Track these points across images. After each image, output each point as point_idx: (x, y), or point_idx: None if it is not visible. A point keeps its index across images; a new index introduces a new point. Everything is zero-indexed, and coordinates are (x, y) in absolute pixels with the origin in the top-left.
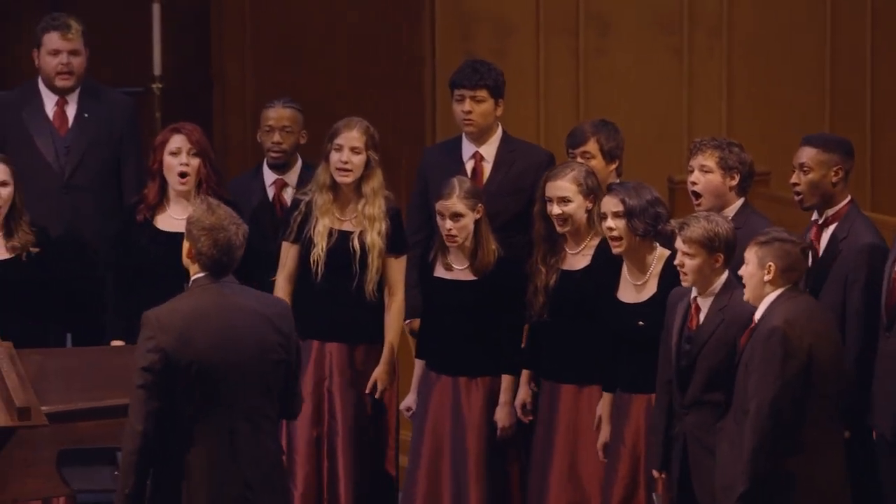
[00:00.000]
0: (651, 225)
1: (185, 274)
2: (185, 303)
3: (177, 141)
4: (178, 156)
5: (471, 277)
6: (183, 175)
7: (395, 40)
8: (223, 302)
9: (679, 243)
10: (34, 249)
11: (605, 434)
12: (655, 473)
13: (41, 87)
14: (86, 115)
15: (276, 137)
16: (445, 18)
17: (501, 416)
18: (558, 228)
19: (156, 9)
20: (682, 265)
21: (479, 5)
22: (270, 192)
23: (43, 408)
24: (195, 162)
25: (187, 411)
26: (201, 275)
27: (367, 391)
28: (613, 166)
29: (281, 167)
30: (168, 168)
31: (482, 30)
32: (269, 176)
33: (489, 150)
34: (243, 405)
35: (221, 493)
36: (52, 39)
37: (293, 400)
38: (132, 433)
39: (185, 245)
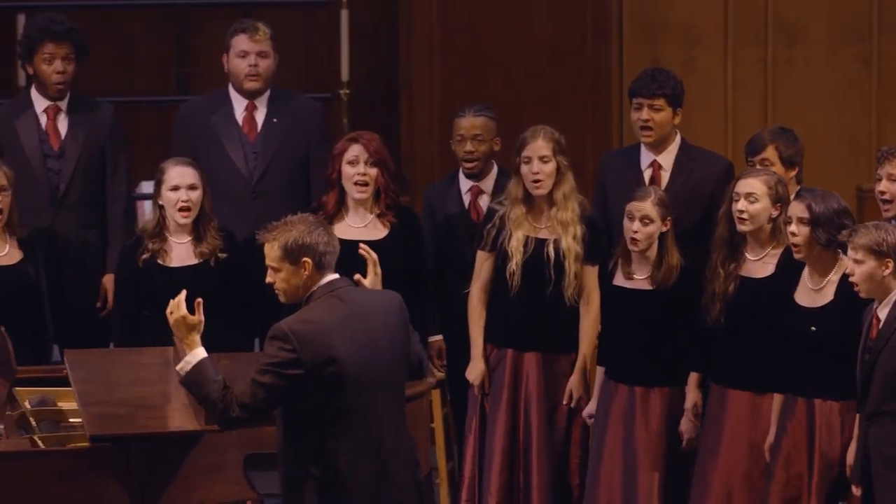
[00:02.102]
0: (834, 235)
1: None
2: (319, 313)
3: (355, 150)
4: (356, 165)
5: (650, 287)
6: (361, 184)
7: (582, 49)
8: (353, 306)
9: (849, 251)
10: (222, 255)
11: (771, 435)
12: (854, 489)
13: (231, 92)
14: (274, 121)
15: (468, 146)
16: (633, 28)
17: (687, 427)
18: (739, 227)
19: (344, 15)
20: (853, 273)
21: (667, 15)
22: (466, 200)
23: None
24: (373, 171)
25: (329, 418)
26: (328, 279)
27: (564, 402)
28: (793, 173)
29: (476, 175)
30: (346, 177)
31: (669, 39)
32: (465, 183)
33: (667, 159)
34: (385, 405)
35: (372, 495)
36: (241, 41)
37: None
38: (228, 417)
39: (305, 261)
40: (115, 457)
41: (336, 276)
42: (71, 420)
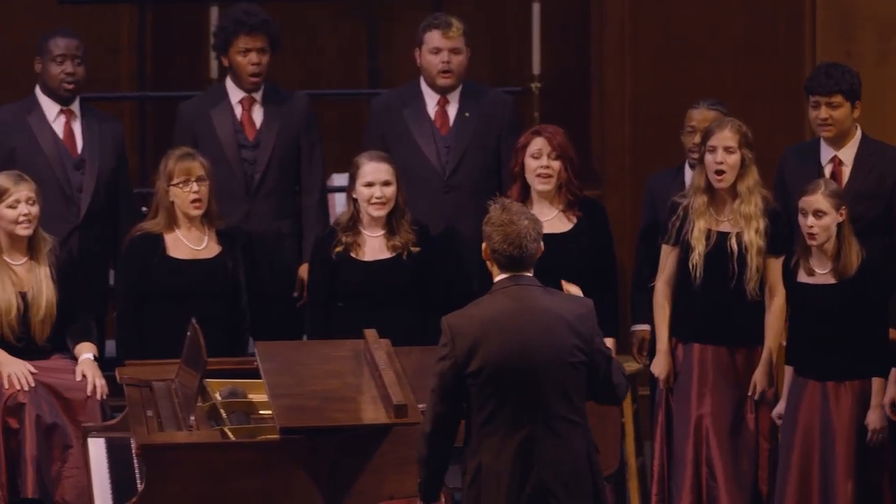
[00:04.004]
0: None
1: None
2: (482, 308)
3: (538, 143)
4: (539, 158)
5: (833, 281)
6: (544, 177)
7: (774, 42)
8: (520, 306)
9: None
10: (415, 248)
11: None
12: None
13: (423, 86)
14: (466, 115)
15: (699, 139)
16: (826, 20)
17: (873, 419)
18: None
19: (536, 8)
20: None
21: (862, 5)
22: None
23: (420, 405)
24: (556, 164)
25: (482, 417)
26: (501, 276)
27: (749, 393)
28: None
29: None
30: (529, 170)
31: (865, 31)
32: (690, 176)
33: (847, 154)
34: (540, 410)
35: (518, 496)
36: (433, 38)
37: (611, 391)
38: (420, 434)
39: (483, 246)
40: (305, 449)
41: (521, 274)
42: (261, 412)
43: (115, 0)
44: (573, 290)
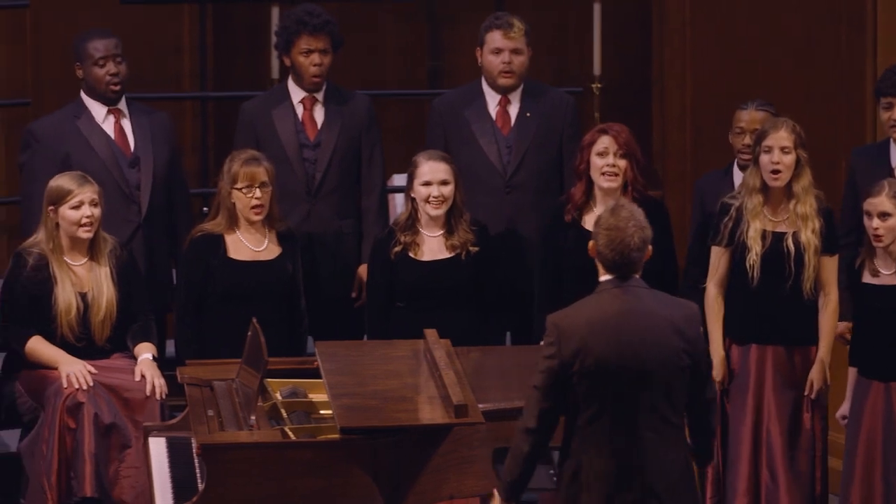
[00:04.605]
0: None
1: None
2: (588, 308)
3: (604, 141)
4: (605, 156)
5: None
6: (610, 175)
7: (835, 43)
8: (625, 307)
9: None
10: (473, 248)
11: None
12: None
13: (484, 86)
14: (528, 115)
15: (747, 140)
16: (888, 20)
17: None
18: None
19: (596, 9)
20: None
21: None
22: None
23: (480, 405)
24: (622, 163)
25: (585, 417)
26: (607, 277)
27: (805, 393)
28: None
29: None
30: (594, 168)
31: None
32: (739, 176)
33: None
34: (644, 412)
35: (620, 498)
36: (495, 38)
37: (703, 408)
38: (522, 430)
39: (590, 244)
40: (365, 449)
41: (627, 275)
42: (321, 412)
43: (176, 0)
44: None
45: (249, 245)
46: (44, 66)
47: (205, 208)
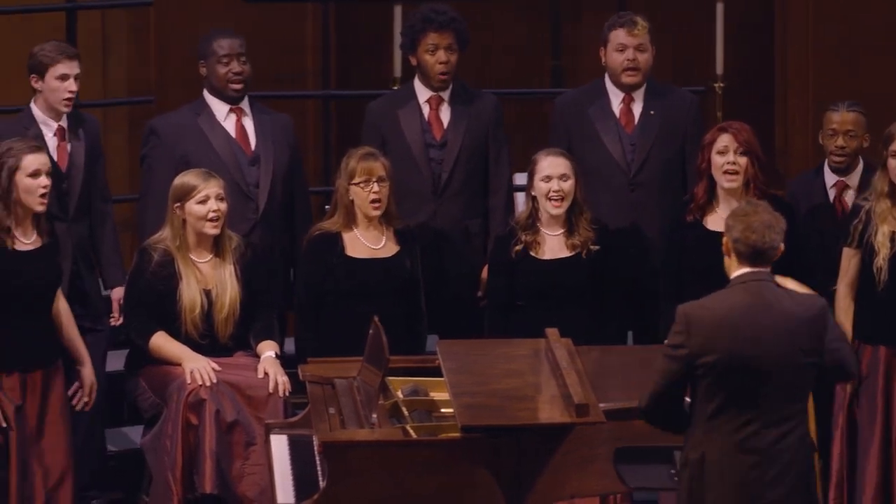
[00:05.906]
0: None
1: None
2: (719, 301)
3: (725, 140)
4: (726, 154)
5: None
6: (731, 173)
7: None
8: (756, 302)
9: None
10: (594, 247)
11: None
12: None
13: (608, 84)
14: (651, 113)
15: (840, 141)
16: None
17: None
18: None
19: (719, 8)
20: None
21: None
22: (831, 194)
23: (601, 405)
24: (743, 161)
25: (710, 409)
26: (740, 271)
27: None
28: None
29: (843, 170)
30: (715, 167)
31: None
32: (830, 178)
33: None
34: (768, 408)
35: (742, 492)
36: (618, 36)
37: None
38: (640, 410)
39: (724, 239)
40: (487, 448)
41: (760, 269)
42: (443, 410)
43: None
44: (789, 284)
45: (367, 243)
46: (167, 64)
47: (326, 206)
